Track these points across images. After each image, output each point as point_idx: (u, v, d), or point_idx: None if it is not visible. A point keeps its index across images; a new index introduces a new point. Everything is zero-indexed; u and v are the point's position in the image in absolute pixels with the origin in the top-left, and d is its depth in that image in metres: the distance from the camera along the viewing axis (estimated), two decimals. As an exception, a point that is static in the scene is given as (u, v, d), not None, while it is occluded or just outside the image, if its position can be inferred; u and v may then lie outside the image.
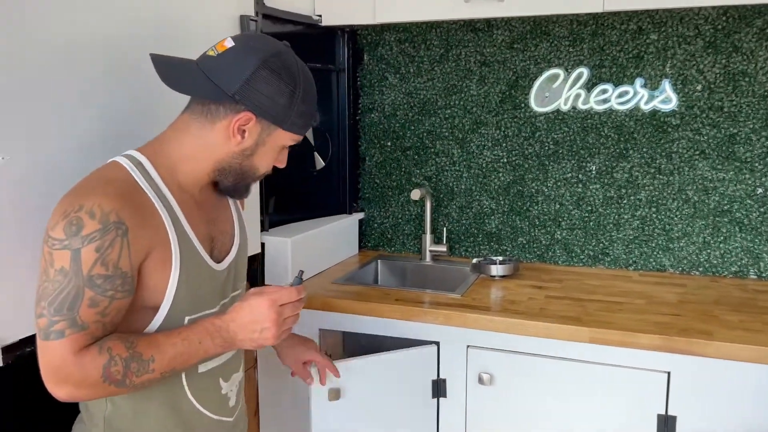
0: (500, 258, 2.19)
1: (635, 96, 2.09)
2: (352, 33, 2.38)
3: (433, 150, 2.36)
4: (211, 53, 1.06)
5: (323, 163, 2.38)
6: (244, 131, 1.05)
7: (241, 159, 1.09)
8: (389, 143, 2.42)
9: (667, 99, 2.06)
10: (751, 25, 1.95)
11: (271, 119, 1.06)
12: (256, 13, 1.88)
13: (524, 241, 2.29)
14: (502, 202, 2.30)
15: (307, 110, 1.10)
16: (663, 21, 2.03)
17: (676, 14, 2.01)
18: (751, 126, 1.98)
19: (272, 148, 1.11)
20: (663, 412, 1.59)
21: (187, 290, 1.05)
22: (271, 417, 2.00)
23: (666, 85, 2.06)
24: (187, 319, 1.07)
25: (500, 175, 2.29)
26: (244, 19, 1.79)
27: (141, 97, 1.36)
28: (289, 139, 1.12)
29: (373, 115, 2.43)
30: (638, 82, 2.08)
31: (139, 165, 1.04)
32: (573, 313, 1.72)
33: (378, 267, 2.37)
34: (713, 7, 1.96)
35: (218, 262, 1.14)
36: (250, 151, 1.08)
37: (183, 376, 1.10)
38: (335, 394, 1.60)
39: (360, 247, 2.51)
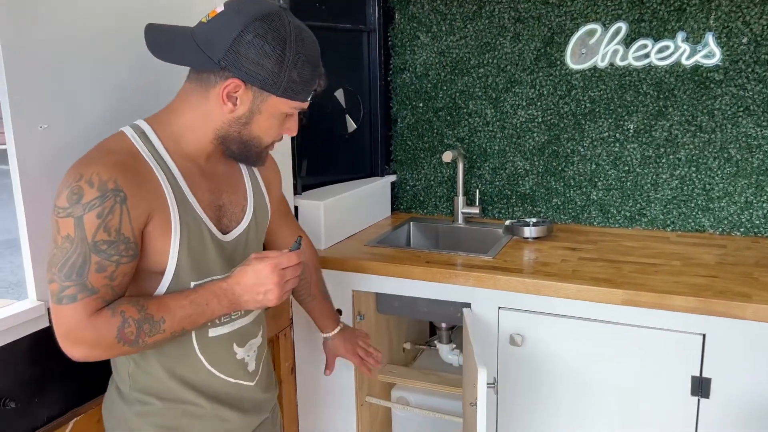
0: (534, 220, 2.17)
1: (676, 51, 2.01)
2: (383, -9, 2.33)
3: (465, 110, 2.33)
4: (203, 20, 1.05)
5: (355, 126, 2.37)
6: (235, 98, 1.05)
7: (239, 127, 1.08)
8: (421, 104, 2.40)
9: (710, 53, 1.98)
10: (803, -28, 1.84)
11: (260, 84, 1.04)
12: (285, -26, 1.86)
13: (559, 202, 2.26)
14: (537, 163, 2.26)
15: (302, 75, 1.05)
16: (708, -30, 1.93)
17: (722, -38, 1.91)
18: (800, 80, 1.89)
19: (271, 115, 1.08)
20: (697, 374, 1.57)
21: (189, 256, 1.08)
22: (307, 374, 2.05)
23: (709, 38, 1.97)
24: (192, 284, 1.10)
25: (535, 135, 2.24)
26: (272, -19, 1.77)
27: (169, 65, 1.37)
28: (288, 106, 1.08)
29: (404, 76, 2.40)
30: (680, 36, 2.00)
31: (142, 134, 1.07)
32: (606, 275, 1.70)
33: (410, 229, 2.38)
34: (762, -46, 1.85)
35: (227, 232, 1.16)
36: (245, 119, 1.07)
37: (194, 340, 1.14)
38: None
39: (392, 210, 2.51)
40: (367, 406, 2.09)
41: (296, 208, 2.02)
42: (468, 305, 1.79)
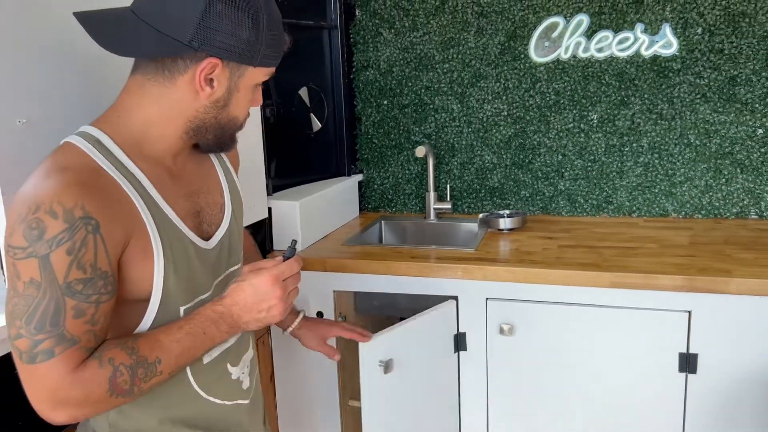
0: (507, 211, 2.18)
1: (636, 42, 2.08)
2: (344, -12, 2.30)
3: (432, 106, 2.32)
4: None
5: (320, 125, 2.32)
6: (211, 80, 0.91)
7: (216, 111, 0.95)
8: (386, 101, 2.38)
9: (667, 44, 2.06)
10: (750, -36, 1.94)
11: (239, 59, 0.91)
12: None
13: (527, 194, 2.29)
14: (504, 156, 2.28)
15: (274, 38, 0.94)
16: (662, -36, 2.01)
17: (676, -44, 1.99)
18: (752, 67, 1.99)
19: (248, 90, 0.97)
20: (684, 351, 1.62)
21: (176, 277, 0.94)
22: (287, 382, 1.98)
23: (666, 29, 2.05)
24: (182, 309, 0.97)
25: (501, 128, 2.26)
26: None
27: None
28: (263, 74, 0.97)
29: (368, 73, 2.37)
30: (638, 27, 2.07)
31: (96, 143, 0.89)
32: (590, 260, 1.72)
33: (382, 227, 2.34)
34: (713, -52, 1.95)
35: (207, 238, 1.02)
36: (223, 101, 0.94)
37: (188, 369, 1.01)
38: (387, 367, 1.58)
39: (360, 209, 2.47)
40: (350, 410, 2.03)
41: (269, 209, 1.94)
42: (455, 298, 1.78)
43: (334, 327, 1.51)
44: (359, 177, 2.45)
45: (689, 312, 1.60)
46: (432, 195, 2.28)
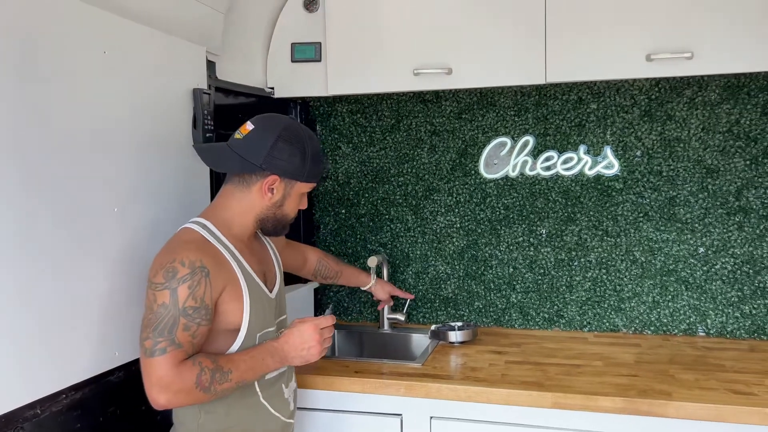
0: (458, 324, 2.18)
1: (579, 162, 2.18)
2: (305, 104, 2.41)
3: (387, 217, 2.38)
4: (238, 136, 1.41)
5: (277, 233, 2.35)
6: (272, 189, 1.41)
7: (275, 210, 1.44)
8: (343, 210, 2.43)
9: (609, 164, 2.16)
10: (681, 95, 2.08)
11: (291, 176, 1.42)
12: (209, 86, 1.89)
13: (480, 306, 2.30)
14: (457, 267, 2.31)
15: (315, 164, 1.45)
16: (601, 91, 2.14)
17: (613, 85, 2.13)
18: (689, 189, 2.09)
19: (297, 196, 1.47)
20: (629, 477, 1.58)
21: (256, 314, 1.39)
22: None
23: (608, 151, 2.15)
24: (258, 335, 1.40)
25: (454, 240, 2.31)
26: (197, 92, 1.79)
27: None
28: (307, 187, 1.48)
29: (326, 184, 2.44)
30: (582, 148, 2.17)
31: (204, 227, 1.39)
32: (534, 378, 1.71)
33: (335, 337, 2.32)
34: (646, 79, 2.09)
35: (270, 291, 1.49)
36: (279, 203, 1.44)
37: (256, 383, 1.41)
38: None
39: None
40: None
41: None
42: (399, 416, 1.74)
43: (394, 289, 2.25)
44: (315, 284, 2.45)
45: (631, 436, 1.58)
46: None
